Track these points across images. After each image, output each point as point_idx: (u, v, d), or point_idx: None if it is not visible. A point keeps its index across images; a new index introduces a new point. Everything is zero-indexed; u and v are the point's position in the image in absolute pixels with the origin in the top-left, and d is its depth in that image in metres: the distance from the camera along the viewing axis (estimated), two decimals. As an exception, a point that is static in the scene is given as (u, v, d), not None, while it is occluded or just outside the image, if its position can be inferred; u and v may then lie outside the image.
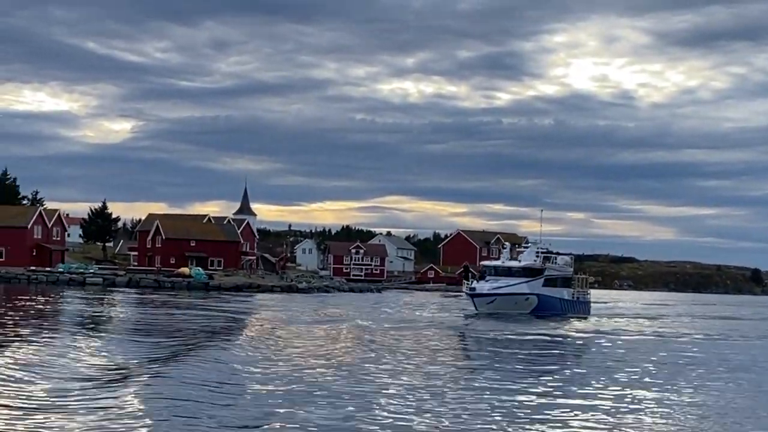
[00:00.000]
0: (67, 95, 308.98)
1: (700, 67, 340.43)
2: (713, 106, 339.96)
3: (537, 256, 75.48)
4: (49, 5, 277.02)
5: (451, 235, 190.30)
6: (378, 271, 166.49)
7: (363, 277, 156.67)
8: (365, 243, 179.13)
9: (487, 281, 72.78)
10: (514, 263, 74.58)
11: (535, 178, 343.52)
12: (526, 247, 79.01)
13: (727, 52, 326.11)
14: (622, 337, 48.47)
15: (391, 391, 22.76)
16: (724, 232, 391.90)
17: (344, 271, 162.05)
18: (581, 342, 44.87)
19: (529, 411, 20.49)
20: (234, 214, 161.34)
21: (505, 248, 78.89)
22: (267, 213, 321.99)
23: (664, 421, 20.26)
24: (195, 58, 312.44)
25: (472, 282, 74.30)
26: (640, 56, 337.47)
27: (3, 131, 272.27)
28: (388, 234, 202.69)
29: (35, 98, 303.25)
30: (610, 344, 43.17)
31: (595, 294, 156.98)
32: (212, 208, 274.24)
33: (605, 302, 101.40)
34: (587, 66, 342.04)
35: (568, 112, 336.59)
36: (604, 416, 20.37)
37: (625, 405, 22.10)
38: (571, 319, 66.81)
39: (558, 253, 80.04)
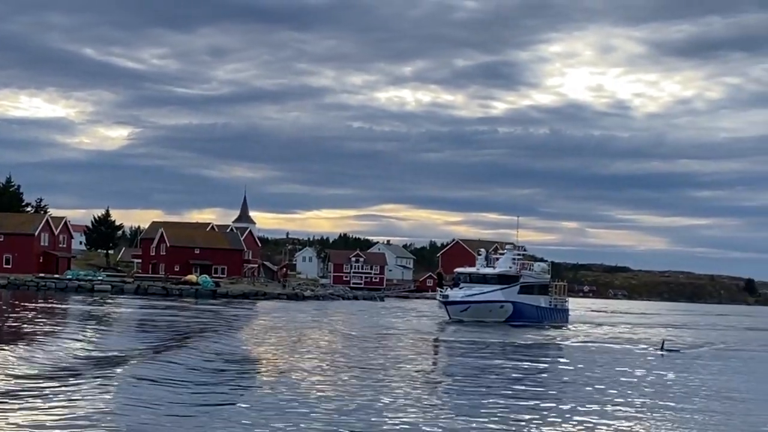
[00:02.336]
0: (64, 101, 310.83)
1: (696, 77, 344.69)
2: (708, 117, 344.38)
3: (513, 263, 73.50)
4: (47, 11, 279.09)
5: (448, 243, 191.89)
6: (377, 280, 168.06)
7: (363, 285, 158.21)
8: (365, 251, 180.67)
9: (461, 288, 70.89)
10: (488, 270, 72.58)
11: (530, 187, 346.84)
12: (502, 254, 77.00)
13: (722, 62, 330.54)
14: (594, 346, 47.85)
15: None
16: (717, 242, 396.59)
17: (344, 279, 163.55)
18: (546, 351, 43.73)
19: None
20: (233, 221, 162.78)
21: (480, 255, 76.50)
22: (263, 220, 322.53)
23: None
24: (192, 65, 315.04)
25: (445, 289, 73.13)
26: (636, 66, 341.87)
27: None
28: (388, 243, 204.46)
29: (31, 104, 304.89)
30: (577, 353, 42.16)
31: (586, 303, 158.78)
32: (209, 216, 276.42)
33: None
34: (583, 76, 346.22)
35: (564, 122, 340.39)
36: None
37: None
38: (547, 328, 65.26)
39: (535, 259, 79.17)
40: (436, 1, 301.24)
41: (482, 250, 78.75)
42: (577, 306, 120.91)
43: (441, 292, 72.89)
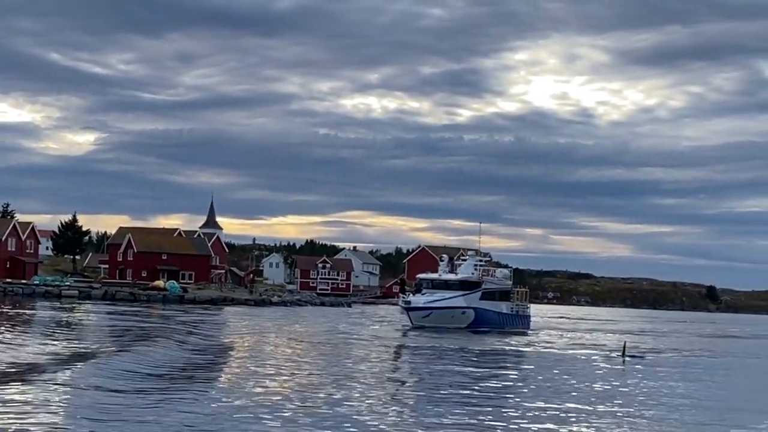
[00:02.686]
0: (30, 106, 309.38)
1: (659, 85, 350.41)
2: (671, 125, 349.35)
3: (475, 269, 73.30)
4: (14, 15, 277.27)
5: (414, 250, 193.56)
6: (344, 286, 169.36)
7: (329, 291, 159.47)
8: (331, 257, 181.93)
9: (423, 294, 70.67)
10: (450, 276, 72.38)
11: (495, 194, 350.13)
12: (465, 260, 76.51)
13: (684, 71, 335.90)
14: (555, 352, 48.37)
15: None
16: (680, 249, 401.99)
17: (311, 285, 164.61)
18: (506, 358, 43.69)
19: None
20: (200, 227, 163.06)
21: (443, 261, 75.77)
22: (229, 226, 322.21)
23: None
24: (159, 70, 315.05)
25: (408, 295, 73.11)
26: (600, 74, 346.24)
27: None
28: (354, 249, 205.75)
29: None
30: (538, 359, 42.69)
31: (550, 309, 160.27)
32: (175, 221, 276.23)
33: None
34: (547, 84, 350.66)
35: (529, 130, 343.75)
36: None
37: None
38: (509, 334, 65.34)
39: (500, 265, 78.98)
40: (402, 9, 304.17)
41: (444, 256, 78.52)
42: (541, 312, 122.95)
43: (403, 298, 73.21)
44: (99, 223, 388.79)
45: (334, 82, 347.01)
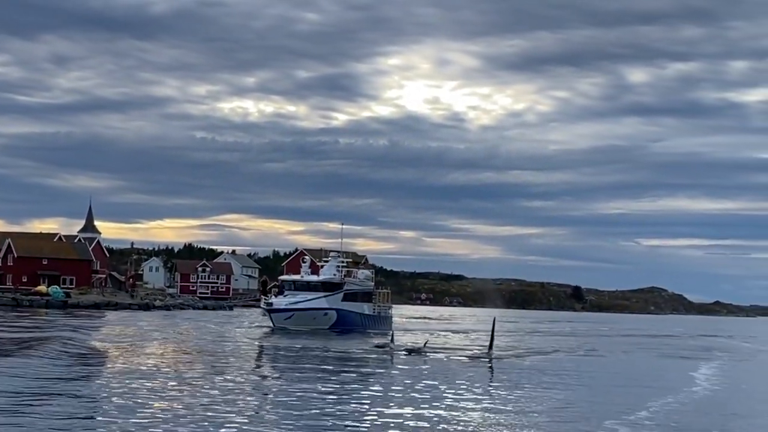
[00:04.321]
0: None
1: (527, 90, 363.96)
2: (538, 129, 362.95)
3: (338, 270, 74.05)
4: None
5: (291, 253, 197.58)
6: (224, 289, 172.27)
7: (209, 295, 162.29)
8: (211, 261, 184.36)
9: (285, 296, 71.35)
10: (312, 277, 72.76)
11: (370, 197, 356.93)
12: (327, 261, 76.65)
13: (551, 76, 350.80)
14: (414, 353, 47.74)
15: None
16: (547, 250, 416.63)
17: (191, 289, 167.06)
18: (364, 361, 43.62)
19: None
20: (79, 231, 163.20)
21: (305, 262, 76.41)
22: (106, 230, 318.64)
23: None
24: (34, 72, 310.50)
25: (270, 296, 74.44)
26: (470, 79, 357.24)
27: None
28: (233, 252, 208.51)
29: None
30: (394, 360, 43.39)
31: (421, 310, 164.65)
32: (51, 225, 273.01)
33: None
34: (420, 88, 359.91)
35: (402, 133, 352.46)
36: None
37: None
38: (371, 335, 65.13)
39: (375, 268, 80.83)
40: (278, 14, 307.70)
41: (307, 257, 79.54)
42: (411, 313, 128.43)
43: (265, 299, 74.44)
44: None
45: (211, 86, 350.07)
